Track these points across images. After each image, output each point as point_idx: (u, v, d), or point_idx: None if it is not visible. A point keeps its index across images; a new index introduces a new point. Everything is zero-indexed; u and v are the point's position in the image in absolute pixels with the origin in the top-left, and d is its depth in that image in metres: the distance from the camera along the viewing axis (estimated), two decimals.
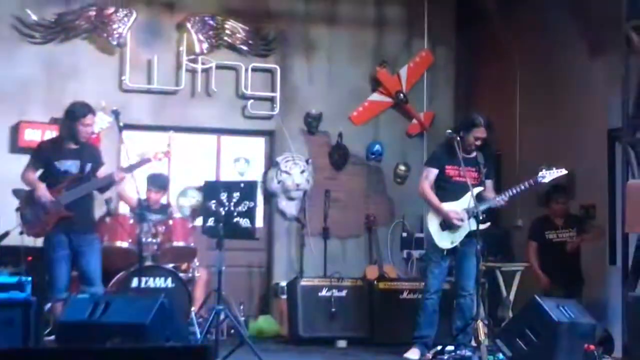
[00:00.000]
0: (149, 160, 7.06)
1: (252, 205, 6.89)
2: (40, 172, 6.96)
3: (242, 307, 8.68)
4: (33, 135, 8.55)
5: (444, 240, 7.08)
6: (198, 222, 7.72)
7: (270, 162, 9.65)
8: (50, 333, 7.10)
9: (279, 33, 9.63)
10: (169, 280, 7.53)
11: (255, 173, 9.63)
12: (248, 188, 6.99)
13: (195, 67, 9.29)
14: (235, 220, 6.84)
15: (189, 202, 8.72)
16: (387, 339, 7.99)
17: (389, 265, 9.26)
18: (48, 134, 8.30)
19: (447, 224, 7.06)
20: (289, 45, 9.69)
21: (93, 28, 9.01)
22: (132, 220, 7.71)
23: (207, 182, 7.36)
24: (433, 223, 7.12)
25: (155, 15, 9.28)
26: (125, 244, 7.67)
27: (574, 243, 8.14)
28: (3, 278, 6.67)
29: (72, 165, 6.90)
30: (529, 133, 9.46)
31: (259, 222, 8.67)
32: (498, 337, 6.76)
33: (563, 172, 7.20)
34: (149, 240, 7.72)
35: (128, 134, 7.87)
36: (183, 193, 9.03)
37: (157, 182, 8.23)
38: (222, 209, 6.83)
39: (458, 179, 7.12)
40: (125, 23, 9.01)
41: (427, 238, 7.29)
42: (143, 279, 7.27)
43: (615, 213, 8.03)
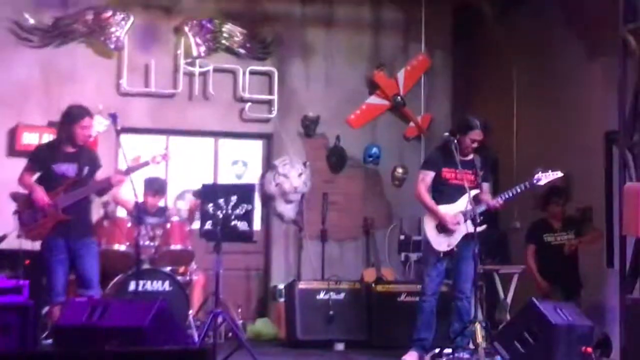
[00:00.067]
0: (147, 164, 7.07)
1: (249, 208, 6.90)
2: (38, 175, 6.95)
3: (239, 310, 8.67)
4: (31, 139, 8.55)
5: (441, 243, 7.07)
6: (195, 225, 7.72)
7: (268, 165, 9.65)
8: (48, 337, 7.11)
9: (277, 36, 9.64)
10: (167, 284, 7.54)
11: (253, 176, 9.63)
12: (246, 191, 7.00)
13: (193, 70, 9.30)
14: (233, 224, 6.85)
15: (186, 205, 8.72)
16: (385, 342, 7.99)
17: (387, 268, 9.26)
18: (46, 138, 8.30)
19: (443, 227, 7.06)
20: (287, 49, 9.70)
21: (90, 32, 9.02)
22: (129, 224, 7.72)
23: (204, 185, 7.37)
24: (430, 226, 7.11)
25: (153, 19, 9.29)
26: (123, 247, 7.68)
27: (572, 245, 8.14)
28: (0, 281, 6.67)
29: (69, 169, 6.89)
30: (526, 136, 9.47)
31: (257, 225, 8.69)
32: (496, 339, 6.76)
33: (559, 174, 7.22)
34: (147, 244, 7.74)
35: (126, 138, 7.87)
36: (181, 196, 9.04)
37: (154, 186, 8.23)
38: (219, 212, 6.84)
39: (455, 182, 7.11)
40: (123, 27, 9.03)
41: (424, 241, 7.29)
42: (141, 283, 7.25)
43: (613, 216, 8.04)
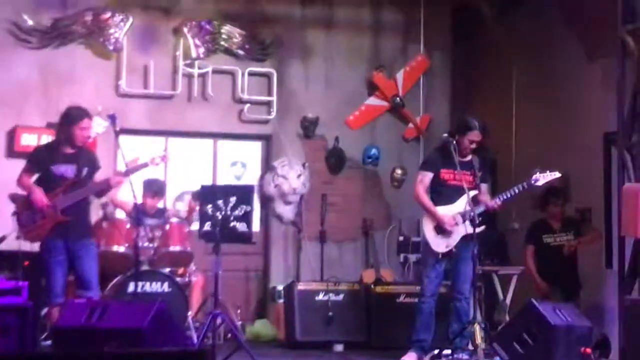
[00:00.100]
0: (146, 165, 7.07)
1: (248, 210, 6.91)
2: (37, 176, 6.95)
3: (238, 311, 8.67)
4: (29, 140, 8.56)
5: (439, 244, 7.07)
6: (194, 226, 7.73)
7: (267, 166, 9.66)
8: (47, 338, 7.11)
9: (276, 37, 9.65)
10: (166, 285, 7.54)
11: (252, 177, 9.63)
12: (245, 192, 7.01)
13: (192, 71, 9.30)
14: (232, 225, 6.87)
15: (185, 206, 8.71)
16: (384, 343, 7.99)
17: (386, 269, 9.26)
18: (44, 139, 8.28)
19: (441, 228, 7.06)
20: (286, 50, 9.70)
21: (89, 33, 9.02)
22: (128, 225, 7.72)
23: (203, 186, 7.38)
24: (428, 227, 7.12)
25: (152, 20, 9.29)
26: (122, 249, 7.69)
27: (572, 246, 8.14)
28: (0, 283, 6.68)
29: (68, 170, 6.89)
30: (525, 136, 9.48)
31: (256, 226, 8.69)
32: (495, 340, 6.77)
33: (557, 175, 7.22)
34: (146, 245, 7.74)
35: (125, 139, 7.86)
36: (180, 197, 9.04)
37: (153, 187, 8.23)
38: (218, 214, 6.85)
39: (453, 183, 7.11)
40: (122, 28, 9.03)
41: (422, 242, 7.29)
42: (140, 284, 7.24)
43: (612, 216, 8.04)
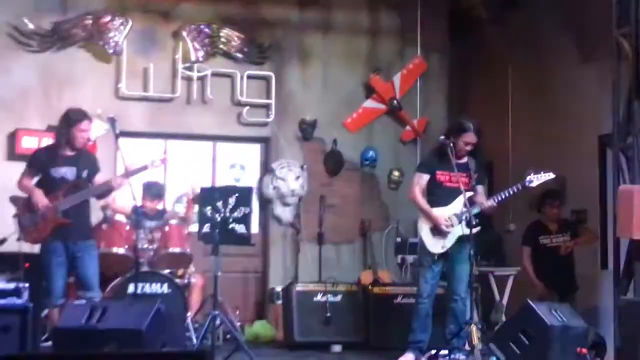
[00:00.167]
0: (146, 168, 7.10)
1: (247, 211, 6.95)
2: (37, 179, 6.98)
3: (237, 312, 8.70)
4: (30, 143, 8.60)
5: (435, 245, 7.09)
6: (193, 227, 7.77)
7: (266, 168, 9.70)
8: (48, 339, 7.15)
9: (274, 41, 9.69)
10: (165, 286, 7.55)
11: (251, 179, 9.67)
12: (243, 194, 7.05)
13: (191, 74, 9.34)
14: (231, 226, 6.90)
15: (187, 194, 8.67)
16: (381, 344, 8.01)
17: (384, 270, 9.28)
18: (45, 142, 8.30)
19: (437, 229, 7.09)
20: (284, 53, 9.75)
21: (89, 36, 9.07)
22: (128, 227, 7.75)
23: (202, 188, 7.42)
24: (424, 228, 7.13)
25: (151, 24, 9.34)
26: (122, 250, 7.71)
27: (568, 247, 8.16)
28: (0, 284, 6.72)
29: (68, 172, 6.91)
30: (521, 139, 9.52)
31: (255, 228, 8.71)
32: (491, 341, 6.77)
33: (551, 176, 7.21)
34: (145, 247, 7.77)
35: (124, 142, 7.90)
36: (179, 200, 9.08)
37: (152, 190, 8.25)
38: (217, 215, 6.89)
39: (449, 185, 7.13)
40: (122, 31, 9.07)
41: (419, 243, 7.32)
42: (139, 285, 7.25)
43: (607, 218, 8.08)
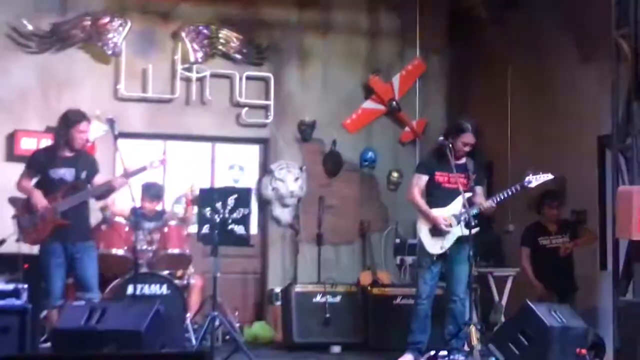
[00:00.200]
0: (145, 169, 7.10)
1: (246, 212, 6.95)
2: (36, 180, 6.98)
3: (236, 313, 8.70)
4: (29, 144, 8.61)
5: (434, 246, 7.09)
6: (192, 228, 7.77)
7: (265, 169, 9.70)
8: (47, 340, 7.14)
9: (273, 42, 9.70)
10: (164, 287, 7.56)
11: (250, 180, 9.68)
12: (242, 195, 7.05)
13: (190, 75, 9.35)
14: (230, 227, 6.91)
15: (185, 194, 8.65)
16: (380, 345, 8.01)
17: (383, 271, 9.28)
18: (44, 143, 8.30)
19: (436, 230, 7.09)
20: (283, 54, 9.75)
21: (88, 37, 9.07)
22: (127, 228, 7.75)
23: (201, 189, 7.42)
24: (423, 229, 7.14)
25: (150, 25, 9.34)
26: (121, 252, 7.71)
27: (567, 248, 8.16)
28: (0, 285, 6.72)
29: (66, 173, 6.91)
30: (521, 140, 9.51)
31: (254, 229, 8.72)
32: (490, 341, 6.77)
33: (549, 176, 7.20)
34: (145, 248, 7.77)
35: (123, 143, 7.90)
36: (178, 200, 9.07)
37: (151, 191, 8.26)
38: (216, 216, 6.89)
39: (447, 185, 7.13)
40: (120, 32, 9.08)
41: (418, 244, 7.32)
42: (138, 286, 7.24)
43: (606, 219, 8.08)
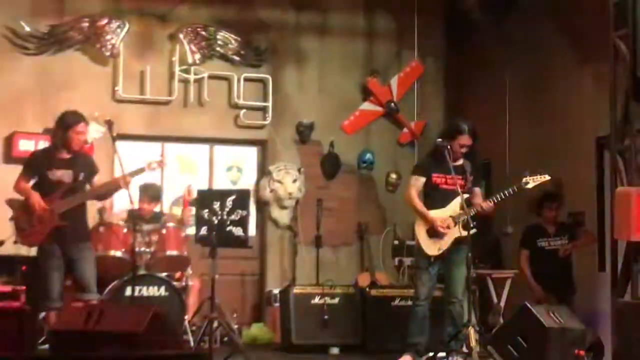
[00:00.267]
0: (143, 170, 7.10)
1: (244, 214, 6.95)
2: (34, 181, 6.97)
3: (235, 315, 8.71)
4: (27, 146, 8.60)
5: (431, 247, 7.08)
6: (190, 230, 7.77)
7: (263, 171, 9.70)
8: (45, 342, 7.13)
9: (271, 43, 9.71)
10: (163, 289, 7.56)
11: (248, 182, 9.68)
12: (241, 197, 7.05)
13: (188, 77, 9.35)
14: (228, 229, 6.90)
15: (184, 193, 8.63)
16: (379, 346, 8.01)
17: (381, 273, 9.31)
18: (42, 144, 8.31)
19: (434, 231, 7.08)
20: (281, 56, 9.76)
21: (86, 39, 9.08)
22: (125, 230, 7.75)
23: (200, 191, 7.42)
24: (421, 230, 7.13)
25: (148, 27, 9.35)
26: (119, 253, 7.69)
27: (566, 250, 8.16)
28: None
29: (64, 175, 6.91)
30: (519, 142, 9.51)
31: (252, 230, 8.70)
32: (489, 343, 6.78)
33: (546, 177, 7.18)
34: (143, 249, 7.77)
35: (121, 144, 7.89)
36: (176, 202, 9.07)
37: (149, 192, 8.26)
38: (215, 218, 6.89)
39: (445, 187, 7.12)
40: (118, 34, 9.08)
41: (415, 246, 7.32)
42: (137, 288, 7.26)
43: (605, 220, 8.08)
